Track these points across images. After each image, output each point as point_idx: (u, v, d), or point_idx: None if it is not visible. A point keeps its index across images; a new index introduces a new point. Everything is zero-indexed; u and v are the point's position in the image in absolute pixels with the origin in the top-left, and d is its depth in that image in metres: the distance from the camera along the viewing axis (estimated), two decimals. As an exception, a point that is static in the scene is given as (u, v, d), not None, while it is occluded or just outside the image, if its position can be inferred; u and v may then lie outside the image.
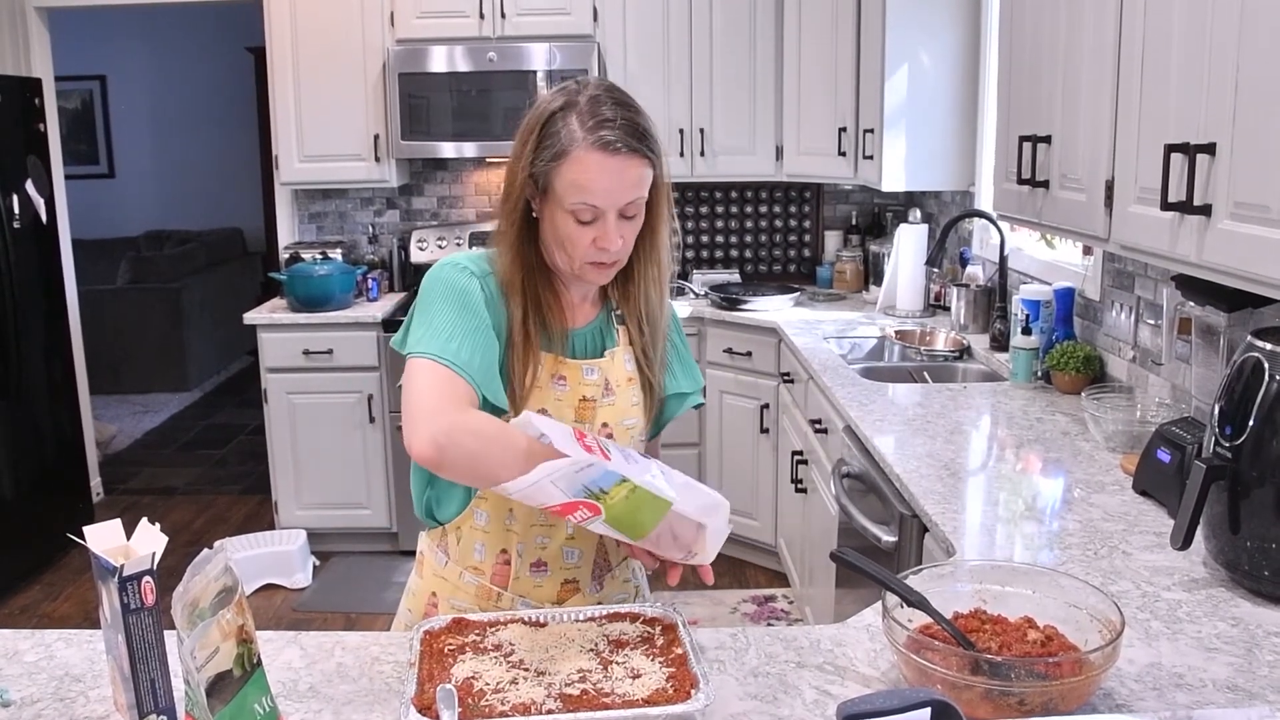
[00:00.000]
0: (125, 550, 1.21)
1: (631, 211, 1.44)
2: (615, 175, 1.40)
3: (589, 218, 1.42)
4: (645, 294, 1.56)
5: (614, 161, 1.39)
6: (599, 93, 1.43)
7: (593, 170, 1.39)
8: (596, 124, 1.40)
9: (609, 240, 1.43)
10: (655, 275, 1.56)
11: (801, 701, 1.28)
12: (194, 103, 8.26)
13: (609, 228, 1.42)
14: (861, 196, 4.87)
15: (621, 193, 1.41)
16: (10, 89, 4.22)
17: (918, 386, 2.98)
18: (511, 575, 1.55)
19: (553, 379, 1.51)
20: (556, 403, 1.50)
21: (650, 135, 1.44)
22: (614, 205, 1.42)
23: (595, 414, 1.53)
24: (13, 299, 4.13)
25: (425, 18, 4.36)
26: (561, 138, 1.41)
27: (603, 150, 1.39)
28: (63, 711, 1.29)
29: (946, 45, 3.79)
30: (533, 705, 1.19)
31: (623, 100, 1.44)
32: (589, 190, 1.40)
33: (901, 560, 2.10)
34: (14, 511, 4.16)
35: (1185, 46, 1.71)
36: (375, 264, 4.72)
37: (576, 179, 1.40)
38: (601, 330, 1.58)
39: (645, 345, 1.57)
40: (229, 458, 5.85)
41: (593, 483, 1.30)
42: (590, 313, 1.58)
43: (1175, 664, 1.36)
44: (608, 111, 1.41)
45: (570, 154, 1.40)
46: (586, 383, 1.52)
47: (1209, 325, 2.01)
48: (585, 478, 1.30)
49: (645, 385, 1.58)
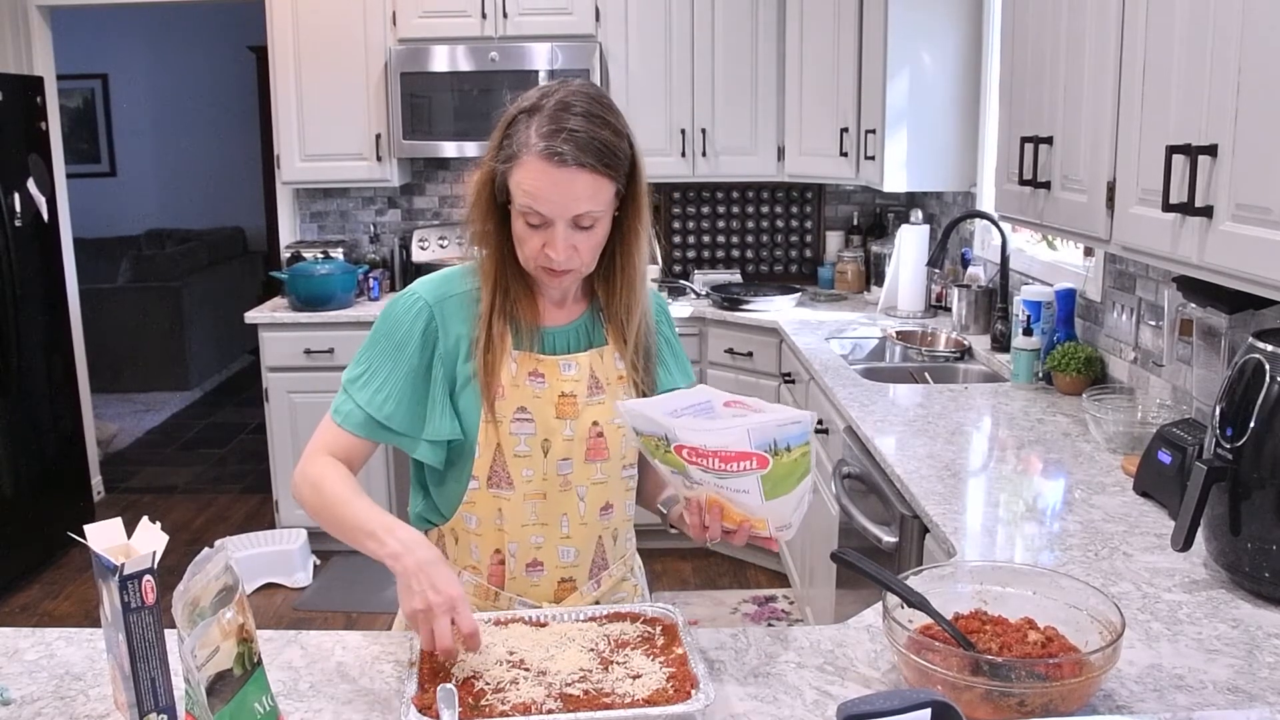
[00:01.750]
0: (126, 549, 1.21)
1: (586, 223, 1.43)
2: (560, 187, 1.39)
3: (537, 222, 1.42)
4: (625, 302, 1.55)
5: (560, 173, 1.38)
6: (571, 99, 1.42)
7: (538, 178, 1.39)
8: (551, 132, 1.39)
9: (555, 249, 1.42)
10: (628, 286, 1.54)
11: (802, 702, 1.28)
12: (195, 101, 8.26)
13: (557, 236, 1.42)
14: (863, 197, 4.87)
15: (567, 204, 1.40)
16: (12, 87, 4.22)
17: (919, 387, 2.98)
18: (507, 575, 1.55)
19: (529, 376, 1.50)
20: (535, 399, 1.50)
21: (611, 151, 1.41)
22: (560, 215, 1.41)
23: (580, 412, 1.52)
24: (14, 297, 4.13)
25: (427, 17, 4.36)
26: (517, 140, 1.41)
27: (548, 160, 1.38)
28: (63, 710, 1.29)
29: (948, 46, 3.79)
30: (533, 705, 1.19)
31: (592, 111, 1.41)
32: (535, 197, 1.40)
33: (902, 561, 2.10)
34: (15, 510, 4.16)
35: (1187, 48, 1.71)
36: (376, 263, 4.73)
37: (524, 184, 1.40)
38: (587, 329, 1.57)
39: (633, 346, 1.57)
40: (230, 457, 5.85)
41: (784, 439, 1.30)
42: (574, 312, 1.57)
43: (1176, 665, 1.36)
44: (570, 121, 1.39)
45: (520, 159, 1.40)
46: (565, 378, 1.52)
47: (1210, 327, 2.01)
48: (784, 433, 1.30)
49: (636, 385, 1.58)
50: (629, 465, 1.59)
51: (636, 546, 1.71)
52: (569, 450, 1.52)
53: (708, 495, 1.38)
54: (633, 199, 1.48)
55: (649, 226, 1.53)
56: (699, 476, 1.35)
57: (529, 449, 1.50)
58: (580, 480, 1.54)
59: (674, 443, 1.33)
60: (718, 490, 1.35)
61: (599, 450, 1.54)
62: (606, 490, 1.56)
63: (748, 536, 1.39)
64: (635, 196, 1.48)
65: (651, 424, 1.35)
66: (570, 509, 1.54)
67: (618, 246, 1.51)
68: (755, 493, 1.33)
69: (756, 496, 1.34)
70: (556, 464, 1.52)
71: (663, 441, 1.35)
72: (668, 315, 1.68)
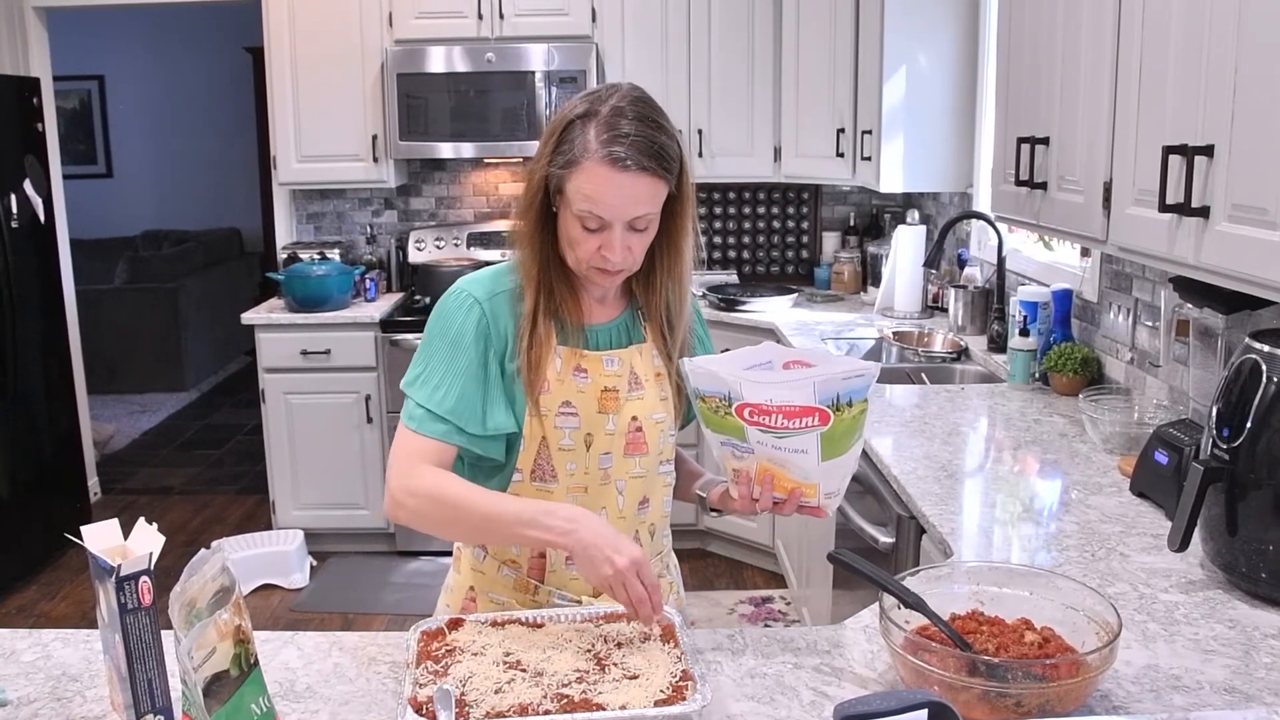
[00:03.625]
0: (122, 550, 1.21)
1: (641, 225, 1.45)
2: (623, 190, 1.41)
3: (595, 226, 1.44)
4: (665, 300, 1.58)
5: (623, 177, 1.40)
6: (623, 104, 1.43)
7: (600, 183, 1.41)
8: (611, 138, 1.40)
9: (613, 251, 1.44)
10: (675, 283, 1.57)
11: (798, 703, 1.29)
12: (192, 103, 8.25)
13: (614, 239, 1.44)
14: (859, 198, 4.88)
15: (628, 208, 1.42)
16: (8, 88, 4.21)
17: (915, 388, 2.98)
18: (547, 568, 1.56)
19: (573, 371, 1.52)
20: (579, 394, 1.51)
21: (666, 154, 1.43)
22: (620, 219, 1.43)
23: (621, 406, 1.54)
24: (10, 299, 4.12)
25: (423, 18, 4.36)
26: (576, 146, 1.42)
27: (611, 165, 1.40)
28: (59, 711, 1.29)
29: (945, 46, 3.79)
30: (529, 706, 1.19)
31: (645, 115, 1.44)
32: (596, 201, 1.42)
33: (899, 561, 2.10)
34: (11, 511, 4.15)
35: (1183, 48, 1.71)
36: (373, 264, 4.72)
37: (584, 189, 1.42)
38: (627, 326, 1.60)
39: (670, 343, 1.60)
40: (226, 458, 5.85)
41: (847, 393, 1.33)
42: (614, 309, 1.59)
43: (1172, 666, 1.36)
44: (626, 126, 1.41)
45: (581, 164, 1.42)
46: (608, 374, 1.53)
47: (1207, 327, 2.01)
48: (848, 386, 1.33)
49: (672, 383, 1.60)
50: (666, 461, 1.61)
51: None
52: (610, 444, 1.54)
53: (758, 465, 1.41)
54: (680, 197, 1.50)
55: (695, 222, 1.56)
56: (756, 438, 1.38)
57: (573, 443, 1.52)
58: (619, 474, 1.56)
59: (736, 401, 1.36)
60: (774, 452, 1.38)
61: (638, 445, 1.55)
62: (644, 485, 1.58)
63: (796, 506, 1.44)
64: (683, 194, 1.50)
65: (716, 381, 1.38)
66: (609, 503, 1.56)
67: (664, 243, 1.53)
68: (813, 452, 1.36)
69: (814, 457, 1.37)
70: (598, 458, 1.53)
71: (724, 402, 1.38)
72: (700, 318, 1.72)
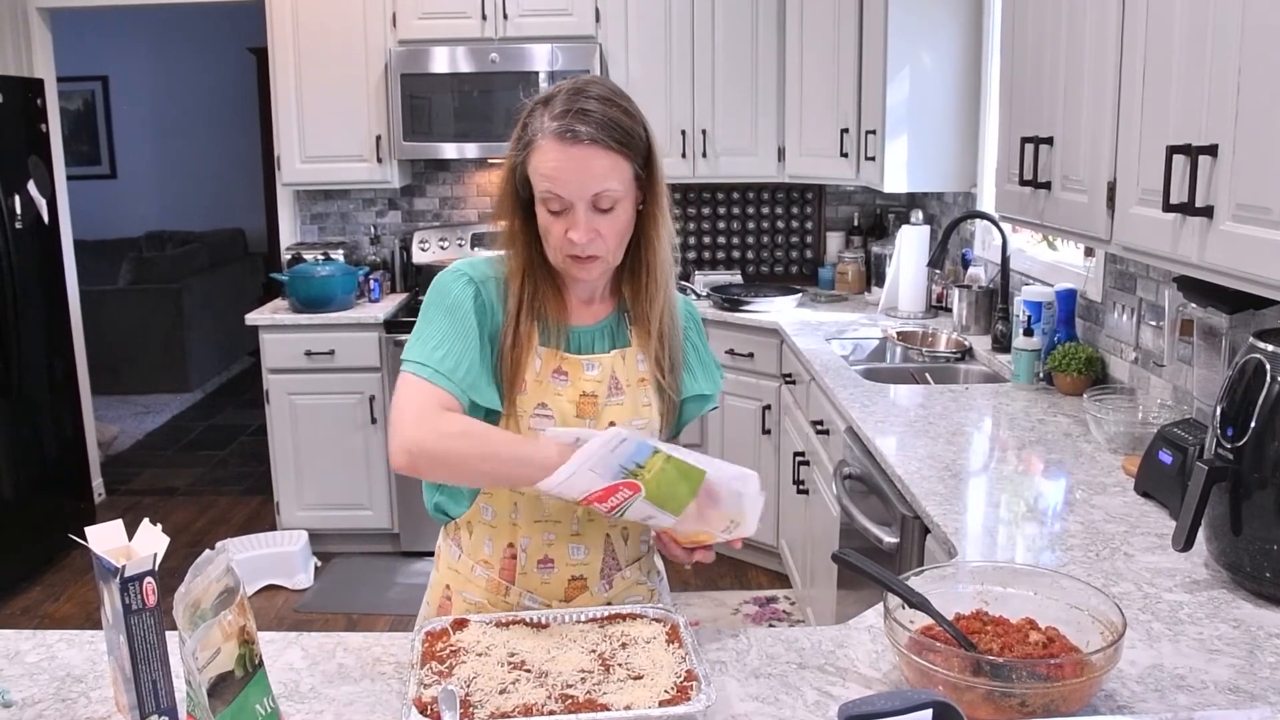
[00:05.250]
0: (127, 551, 1.21)
1: (605, 204, 1.43)
2: (577, 164, 1.40)
3: (557, 207, 1.43)
4: (649, 296, 1.56)
5: (576, 150, 1.40)
6: (584, 85, 1.44)
7: (554, 158, 1.40)
8: (564, 113, 1.40)
9: (578, 231, 1.43)
10: (654, 276, 1.55)
11: (803, 703, 1.28)
12: (196, 103, 8.26)
13: (578, 218, 1.43)
14: (863, 197, 4.87)
15: (586, 183, 1.41)
16: (12, 89, 4.22)
17: (919, 388, 2.98)
18: (518, 570, 1.56)
19: (552, 374, 1.51)
20: (556, 397, 1.50)
21: (623, 129, 1.42)
22: (580, 196, 1.42)
23: (600, 411, 1.52)
24: (14, 299, 4.13)
25: (427, 19, 4.36)
26: (530, 128, 1.43)
27: (562, 138, 1.40)
28: (64, 712, 1.29)
29: (948, 46, 3.79)
30: (534, 706, 1.19)
31: (607, 97, 1.43)
32: (551, 179, 1.41)
33: (903, 561, 2.10)
34: (15, 512, 4.16)
35: (1187, 47, 1.71)
36: (377, 265, 4.73)
37: (541, 168, 1.42)
38: (612, 330, 1.58)
39: (657, 347, 1.57)
40: (230, 458, 5.85)
41: (628, 459, 1.31)
42: (600, 312, 1.58)
43: (1177, 665, 1.36)
44: (581, 102, 1.41)
45: (535, 142, 1.42)
46: (588, 378, 1.52)
47: (1211, 327, 2.01)
48: (620, 455, 1.30)
49: (659, 388, 1.58)
50: None
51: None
52: None
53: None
54: (652, 186, 1.49)
55: (669, 214, 1.54)
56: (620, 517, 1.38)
57: None
58: None
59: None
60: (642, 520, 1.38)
61: None
62: None
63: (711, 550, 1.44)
64: (654, 183, 1.49)
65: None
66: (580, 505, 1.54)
67: (641, 238, 1.52)
68: (659, 514, 1.36)
69: (663, 517, 1.36)
70: None
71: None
72: (698, 323, 1.68)
